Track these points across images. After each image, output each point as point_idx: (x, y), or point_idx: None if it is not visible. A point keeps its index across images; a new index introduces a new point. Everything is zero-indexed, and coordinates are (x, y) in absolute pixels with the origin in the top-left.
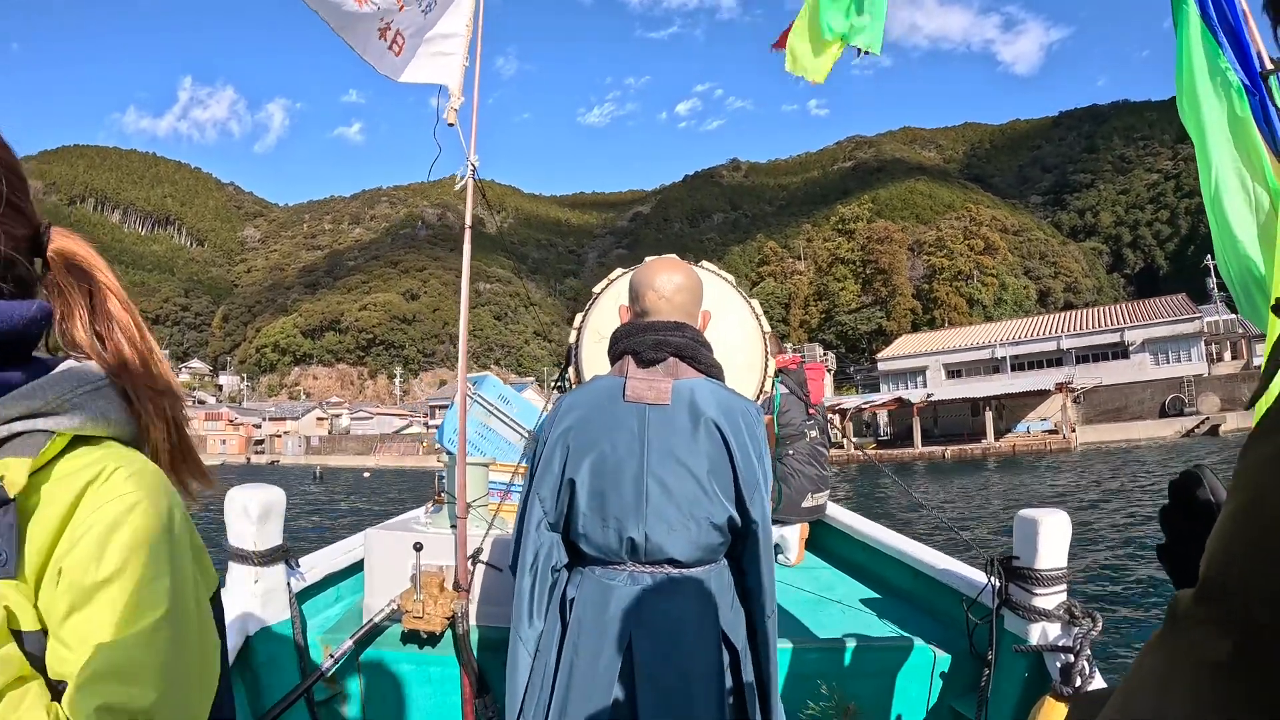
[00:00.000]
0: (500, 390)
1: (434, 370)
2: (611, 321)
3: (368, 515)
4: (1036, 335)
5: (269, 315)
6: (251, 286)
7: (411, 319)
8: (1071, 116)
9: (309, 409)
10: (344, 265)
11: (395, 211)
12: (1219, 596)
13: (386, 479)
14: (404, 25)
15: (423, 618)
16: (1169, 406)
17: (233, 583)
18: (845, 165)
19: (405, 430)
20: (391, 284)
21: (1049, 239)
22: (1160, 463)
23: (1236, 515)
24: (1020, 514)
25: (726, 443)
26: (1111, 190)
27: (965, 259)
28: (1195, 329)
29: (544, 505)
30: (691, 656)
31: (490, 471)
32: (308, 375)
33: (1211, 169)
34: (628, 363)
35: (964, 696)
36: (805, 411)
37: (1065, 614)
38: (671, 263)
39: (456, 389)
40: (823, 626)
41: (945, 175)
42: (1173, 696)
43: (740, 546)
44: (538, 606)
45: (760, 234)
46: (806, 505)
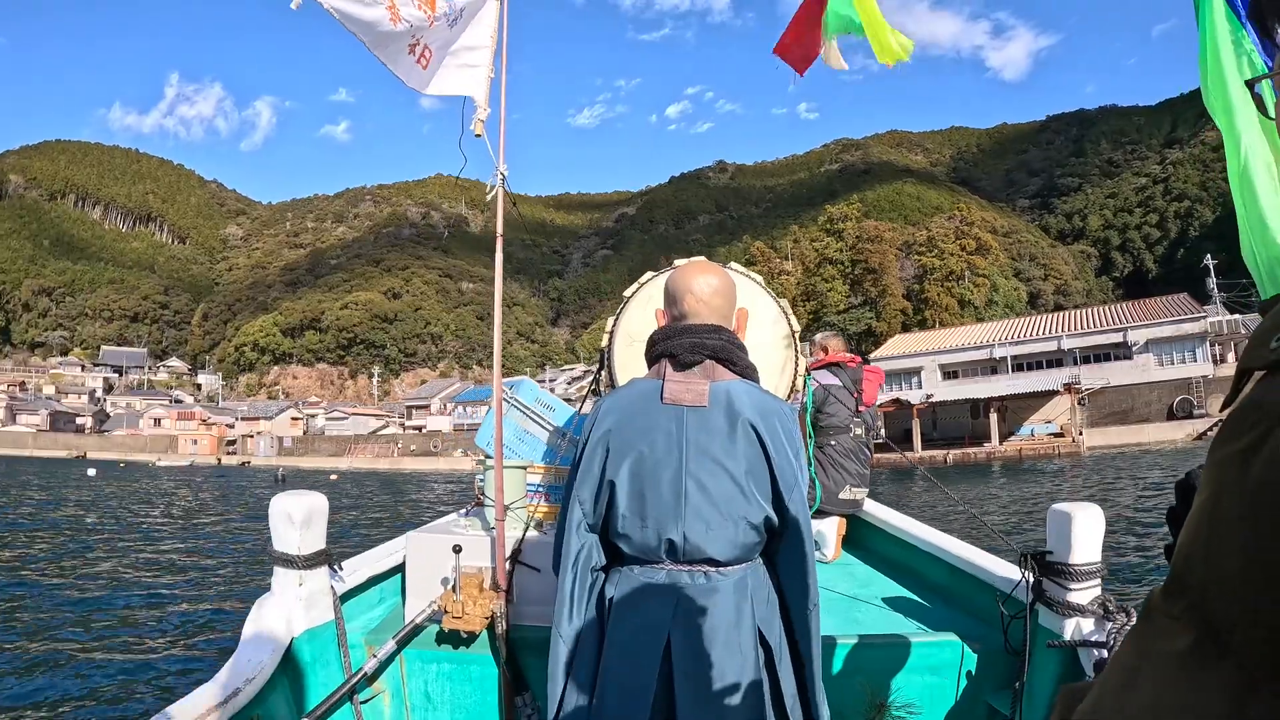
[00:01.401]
0: (537, 394)
1: (415, 370)
2: (641, 324)
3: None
4: (1036, 335)
5: (249, 314)
6: (232, 285)
7: (393, 318)
8: (1059, 121)
9: (283, 409)
10: (326, 264)
11: (379, 210)
12: (1181, 591)
13: (356, 482)
14: (432, 40)
15: (462, 618)
16: (1177, 408)
17: (277, 586)
18: (832, 168)
19: (382, 431)
20: (373, 283)
21: (1038, 241)
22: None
23: (1198, 514)
24: (1053, 508)
25: (763, 443)
26: (1099, 194)
27: (957, 259)
28: (1200, 329)
29: (584, 507)
30: (728, 654)
31: (528, 474)
32: (287, 375)
33: (1240, 153)
34: (665, 365)
35: (999, 692)
36: (855, 409)
37: (1099, 609)
38: (707, 266)
39: (437, 389)
40: (858, 622)
41: (932, 178)
42: (1139, 686)
43: (778, 544)
44: (578, 605)
45: (746, 235)
46: (844, 497)
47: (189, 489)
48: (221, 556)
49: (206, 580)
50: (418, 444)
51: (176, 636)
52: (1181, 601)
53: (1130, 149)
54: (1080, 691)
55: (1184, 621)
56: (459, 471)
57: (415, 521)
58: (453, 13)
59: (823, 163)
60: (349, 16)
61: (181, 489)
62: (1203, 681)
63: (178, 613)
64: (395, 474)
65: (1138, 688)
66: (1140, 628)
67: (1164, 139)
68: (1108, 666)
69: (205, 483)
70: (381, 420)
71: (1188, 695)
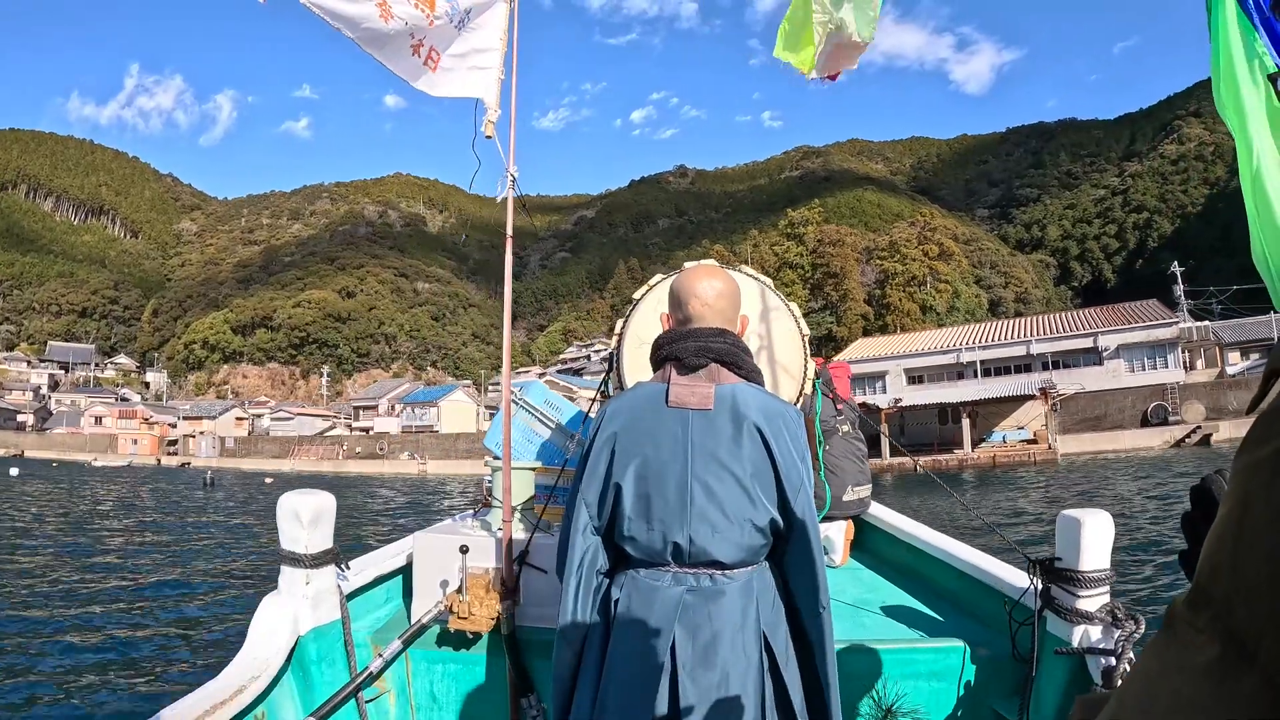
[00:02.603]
0: (545, 395)
1: (368, 371)
2: (651, 327)
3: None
4: (1004, 339)
5: (200, 310)
6: (184, 281)
7: (347, 317)
8: (1019, 133)
9: (227, 408)
10: (280, 261)
11: (336, 208)
12: (1206, 601)
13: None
14: (438, 41)
15: (469, 619)
16: (1151, 415)
17: (285, 585)
18: (793, 174)
19: (329, 433)
20: (327, 281)
21: (999, 249)
22: (1178, 473)
23: (1224, 521)
24: (1062, 514)
25: (768, 446)
26: (1058, 205)
27: (919, 264)
28: (1173, 334)
29: (589, 509)
30: (734, 657)
31: (535, 476)
32: (237, 374)
33: (1253, 155)
34: (670, 369)
35: (1006, 699)
36: (834, 408)
37: (1108, 616)
38: (712, 270)
39: (386, 389)
40: (865, 627)
41: (893, 187)
42: (1161, 698)
43: (785, 547)
44: (582, 608)
45: (706, 240)
46: (848, 499)
47: (107, 489)
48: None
49: (207, 580)
50: (363, 446)
51: (183, 633)
52: (1206, 612)
53: (1089, 161)
54: (1098, 702)
55: (1209, 632)
56: (404, 476)
57: None
58: (456, 13)
59: (783, 169)
60: (331, 12)
61: (100, 489)
62: (1228, 693)
63: (184, 609)
64: (339, 477)
65: (1160, 699)
66: (1162, 638)
67: (1123, 152)
68: (1128, 677)
69: (131, 484)
70: (329, 421)
71: (1212, 707)
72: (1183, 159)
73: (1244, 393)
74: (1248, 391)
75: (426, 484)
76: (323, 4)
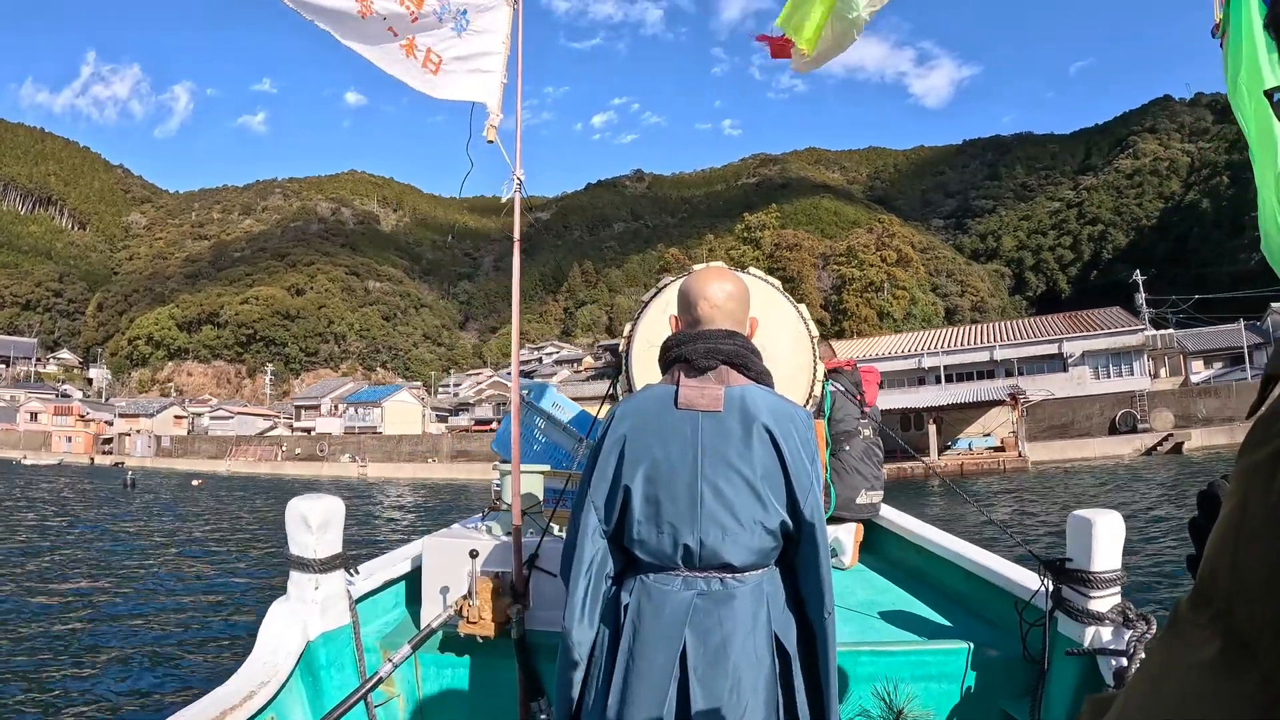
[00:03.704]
0: (554, 399)
1: (316, 370)
2: (660, 330)
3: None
4: (966, 345)
5: (145, 305)
6: (132, 274)
7: (295, 315)
8: (975, 145)
9: (165, 405)
10: (229, 256)
11: (288, 204)
12: (1208, 600)
13: (226, 489)
14: (435, 43)
15: (478, 623)
16: (1120, 423)
17: (294, 589)
18: (750, 181)
19: (271, 433)
20: (277, 278)
21: (954, 258)
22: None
23: (1225, 523)
24: (1073, 515)
25: (778, 448)
26: (1013, 216)
27: (877, 270)
28: (1139, 342)
29: (598, 512)
30: (744, 661)
31: (545, 479)
32: (182, 371)
33: (1278, 159)
34: (679, 371)
35: (1017, 700)
36: (860, 411)
37: (1119, 616)
38: (720, 272)
39: (329, 388)
40: (876, 629)
41: (849, 196)
42: (1165, 696)
43: (794, 550)
44: (590, 611)
45: (661, 244)
46: (860, 502)
47: (24, 489)
48: None
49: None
50: (303, 447)
51: (193, 638)
52: (1208, 611)
53: (1044, 175)
54: (1106, 702)
55: (1210, 631)
56: (344, 479)
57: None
58: (446, 12)
59: (740, 176)
60: (314, 8)
61: (17, 488)
62: (1229, 691)
63: (194, 615)
64: (275, 480)
65: (1164, 697)
66: (1166, 637)
67: (1078, 166)
68: (1133, 676)
69: (54, 484)
70: (270, 421)
71: (1214, 705)
72: (1138, 173)
73: (1213, 400)
74: (1216, 399)
75: (363, 488)
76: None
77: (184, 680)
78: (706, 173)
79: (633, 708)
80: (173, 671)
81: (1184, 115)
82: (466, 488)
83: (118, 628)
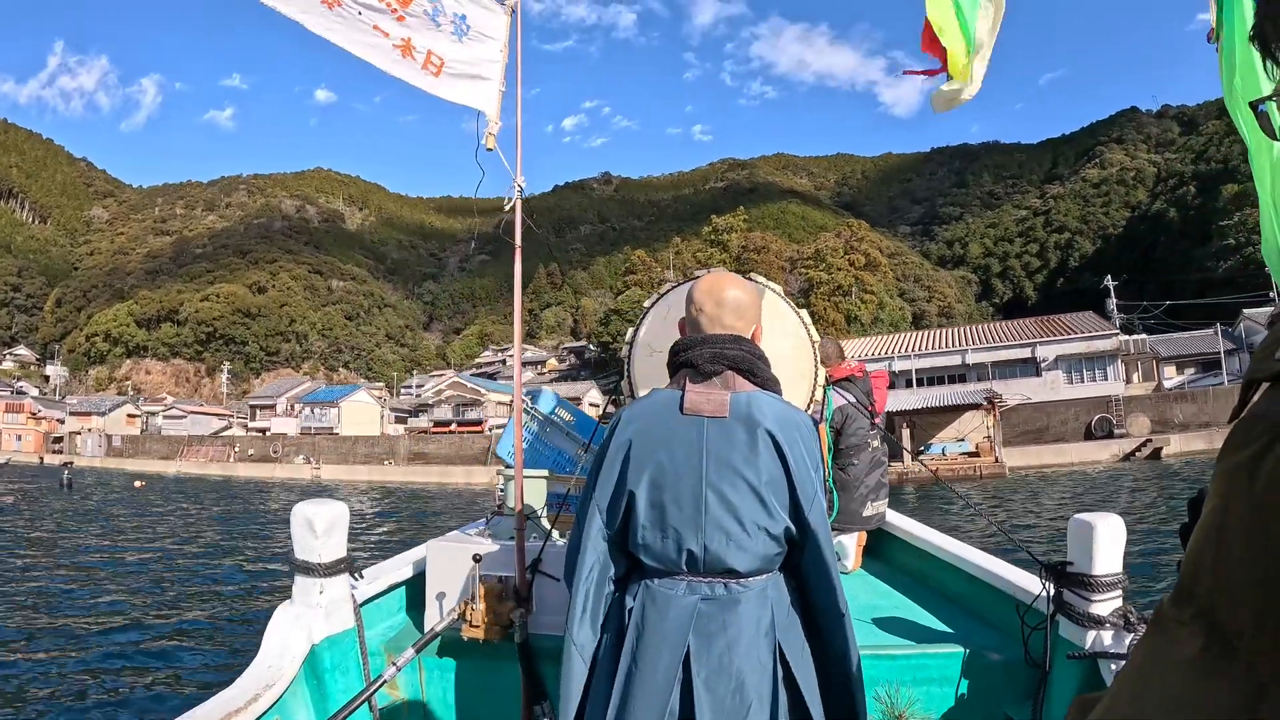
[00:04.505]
0: (557, 404)
1: (277, 370)
2: (661, 335)
3: None
4: (939, 348)
5: (104, 301)
6: (92, 270)
7: (257, 313)
8: (943, 153)
9: (118, 404)
10: (191, 253)
11: (252, 201)
12: (1190, 598)
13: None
14: (436, 47)
15: (481, 626)
16: (1096, 428)
17: (298, 593)
18: (718, 185)
19: (225, 432)
20: (238, 275)
21: (922, 263)
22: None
23: (1207, 522)
24: (1074, 519)
25: (783, 454)
26: (980, 223)
27: (845, 274)
28: (1113, 346)
29: (602, 517)
30: (749, 666)
31: (548, 483)
32: (140, 369)
33: (1271, 163)
34: (684, 376)
35: (1018, 704)
36: (870, 422)
37: (1121, 620)
38: (728, 278)
39: (284, 387)
40: (878, 633)
41: (817, 201)
42: (1150, 693)
43: (800, 556)
44: (593, 615)
45: (628, 246)
46: (866, 514)
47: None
48: None
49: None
50: (256, 448)
51: (197, 642)
52: (1190, 608)
53: (1011, 183)
54: (1093, 702)
55: (1193, 628)
56: (296, 481)
57: None
58: (438, 13)
59: (708, 180)
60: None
61: None
62: (1213, 687)
63: (199, 618)
64: (225, 482)
65: (1149, 694)
66: (1151, 635)
67: (1044, 175)
68: (1118, 675)
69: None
70: (225, 421)
71: (1198, 701)
72: (1104, 183)
73: (1189, 405)
74: (1193, 404)
75: (314, 491)
76: None
77: None
78: (674, 176)
79: (635, 711)
80: None
81: (1150, 126)
82: (425, 492)
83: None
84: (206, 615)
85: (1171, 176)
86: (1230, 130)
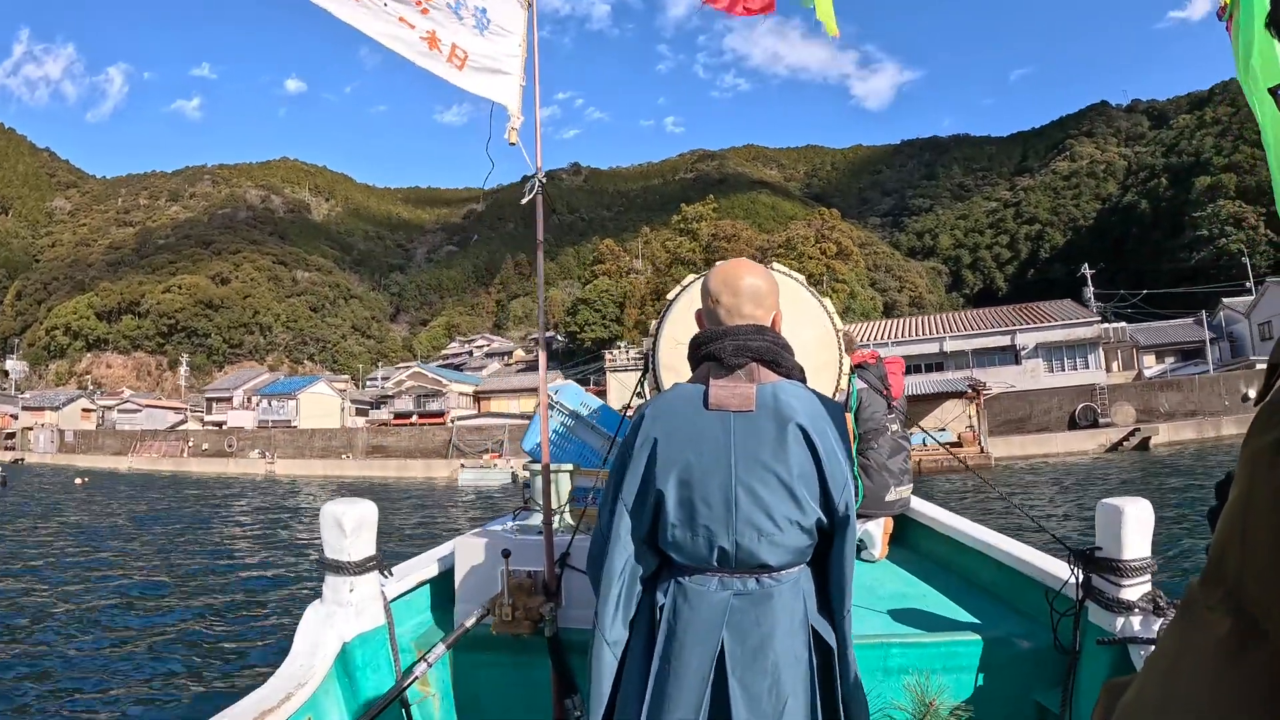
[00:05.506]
0: (581, 397)
1: (240, 363)
2: (687, 327)
3: None
4: (916, 335)
5: (65, 294)
6: (53, 262)
7: (219, 305)
8: (913, 145)
9: (72, 398)
10: (153, 244)
11: (217, 191)
12: (1218, 580)
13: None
14: (460, 40)
15: (511, 621)
16: (1079, 417)
17: (329, 592)
18: (687, 176)
19: (182, 426)
20: (201, 266)
21: (893, 254)
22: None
23: (1233, 505)
24: (1102, 503)
25: (813, 445)
26: (950, 215)
27: (816, 263)
28: (1094, 334)
29: (630, 515)
30: (784, 661)
31: (574, 478)
32: (101, 363)
33: None
34: (708, 369)
35: (1048, 690)
36: (887, 406)
37: (1150, 605)
38: (743, 265)
39: (241, 379)
40: (906, 621)
41: (787, 192)
42: (1180, 673)
43: (826, 547)
44: (624, 613)
45: (597, 236)
46: (890, 499)
47: None
48: None
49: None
50: (211, 442)
51: (230, 643)
52: (1218, 591)
53: (981, 175)
54: (1122, 686)
55: (1221, 611)
56: (250, 478)
57: None
58: (462, 5)
59: (678, 171)
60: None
61: None
62: (1241, 668)
63: (232, 619)
64: (175, 478)
65: (1179, 676)
66: (1180, 618)
67: (1014, 167)
68: (1149, 657)
69: None
70: (180, 414)
71: (1227, 682)
72: (1074, 175)
73: (1175, 394)
74: (1179, 393)
75: (266, 488)
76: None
77: None
78: (644, 167)
79: (668, 707)
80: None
81: (1120, 120)
82: (382, 487)
83: None
84: None
85: (1143, 169)
86: (1202, 124)
